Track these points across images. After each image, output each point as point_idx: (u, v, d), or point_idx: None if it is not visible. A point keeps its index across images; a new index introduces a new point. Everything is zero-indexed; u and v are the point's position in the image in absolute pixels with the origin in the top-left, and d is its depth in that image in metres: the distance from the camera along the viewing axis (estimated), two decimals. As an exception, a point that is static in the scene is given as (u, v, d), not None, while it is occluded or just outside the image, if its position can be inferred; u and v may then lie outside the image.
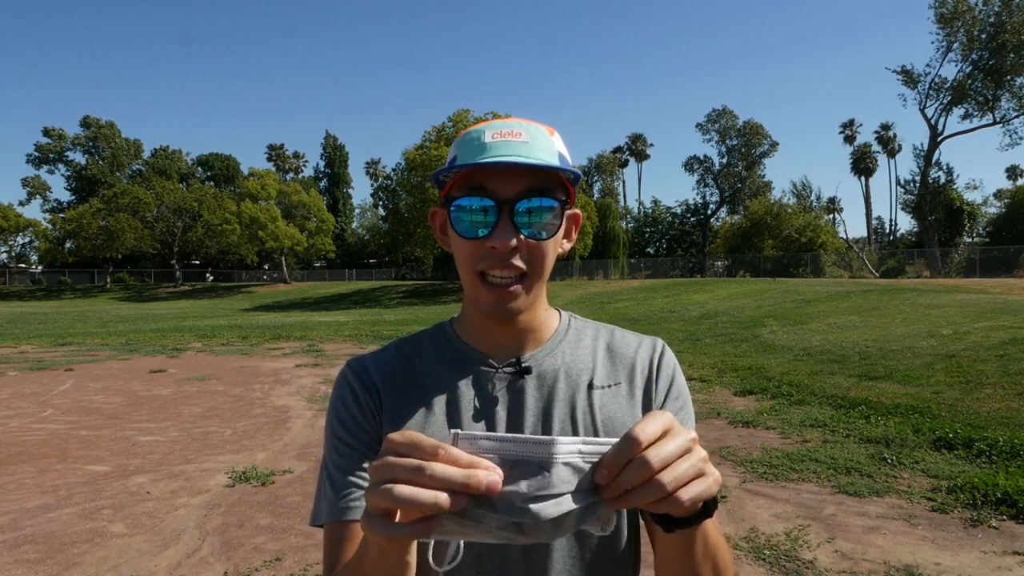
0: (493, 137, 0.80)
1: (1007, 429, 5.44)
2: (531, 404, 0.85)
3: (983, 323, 10.58)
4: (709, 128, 57.24)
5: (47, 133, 60.08)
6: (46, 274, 58.09)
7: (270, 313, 29.47)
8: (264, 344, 14.77)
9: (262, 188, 48.10)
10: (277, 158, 70.85)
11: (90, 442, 6.07)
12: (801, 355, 10.08)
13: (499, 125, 0.82)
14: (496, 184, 0.79)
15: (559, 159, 0.81)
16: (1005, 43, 32.91)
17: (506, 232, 0.78)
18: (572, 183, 0.83)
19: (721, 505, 4.19)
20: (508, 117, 0.87)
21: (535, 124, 0.84)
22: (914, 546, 3.52)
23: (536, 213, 0.79)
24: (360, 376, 0.88)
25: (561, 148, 0.84)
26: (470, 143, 0.81)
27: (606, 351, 0.91)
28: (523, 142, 0.79)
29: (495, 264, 0.79)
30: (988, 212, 42.21)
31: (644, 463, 0.51)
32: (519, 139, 0.80)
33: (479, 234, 0.80)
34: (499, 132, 0.80)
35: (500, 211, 0.78)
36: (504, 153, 0.78)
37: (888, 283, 24.17)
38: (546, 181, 0.80)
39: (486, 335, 0.88)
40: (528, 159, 0.77)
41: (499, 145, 0.79)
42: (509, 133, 0.80)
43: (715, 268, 47.38)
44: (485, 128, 0.82)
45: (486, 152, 0.78)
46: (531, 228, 0.79)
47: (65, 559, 3.53)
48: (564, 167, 0.80)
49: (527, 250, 0.80)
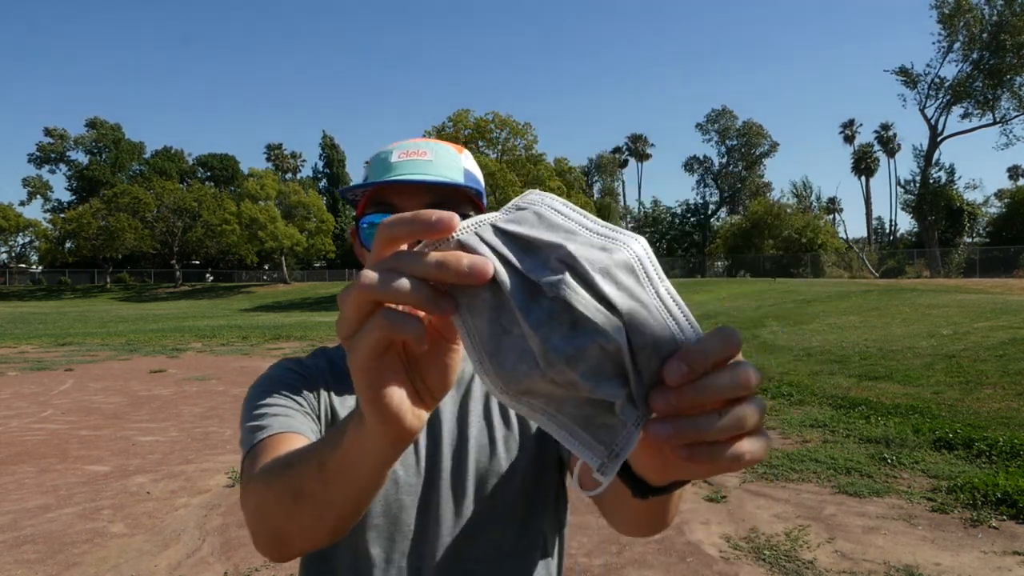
0: (400, 157, 0.85)
1: (1007, 429, 5.44)
2: (448, 403, 0.88)
3: (983, 323, 10.58)
4: (709, 128, 57.36)
5: (48, 133, 60.11)
6: (46, 274, 58.07)
7: (270, 313, 29.47)
8: (264, 344, 14.77)
9: (261, 188, 48.11)
10: (276, 158, 70.81)
11: (90, 442, 6.07)
12: (801, 355, 10.08)
13: (407, 145, 0.87)
14: (402, 201, 0.84)
15: (464, 175, 0.86)
16: (1005, 42, 32.92)
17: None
18: (478, 199, 0.88)
19: (721, 505, 4.19)
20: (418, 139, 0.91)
21: (444, 143, 0.89)
22: (914, 546, 3.52)
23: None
24: (299, 363, 0.91)
25: (469, 165, 0.89)
26: (379, 163, 0.87)
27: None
28: (427, 160, 0.85)
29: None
30: (988, 212, 42.21)
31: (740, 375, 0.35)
32: (424, 157, 0.85)
33: None
34: (406, 152, 0.86)
35: None
36: (409, 171, 0.83)
37: (888, 283, 24.17)
38: (451, 197, 0.85)
39: None
40: (431, 176, 0.82)
41: (405, 164, 0.84)
42: (415, 152, 0.86)
43: (715, 268, 47.40)
44: (394, 148, 0.87)
45: (392, 171, 0.84)
46: None
47: (65, 559, 3.53)
48: (467, 183, 0.85)
49: None
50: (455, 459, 0.86)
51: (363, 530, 0.82)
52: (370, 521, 0.82)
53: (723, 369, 0.35)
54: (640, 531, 0.71)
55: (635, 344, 0.35)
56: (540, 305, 0.35)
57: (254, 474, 0.68)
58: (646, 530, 0.70)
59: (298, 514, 0.57)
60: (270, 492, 0.61)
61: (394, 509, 0.83)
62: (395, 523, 0.83)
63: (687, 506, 4.20)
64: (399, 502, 0.83)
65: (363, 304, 0.38)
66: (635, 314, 0.34)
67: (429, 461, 0.86)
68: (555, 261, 0.35)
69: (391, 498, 0.83)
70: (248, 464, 0.73)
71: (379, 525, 0.83)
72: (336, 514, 0.55)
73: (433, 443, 0.86)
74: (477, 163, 1.03)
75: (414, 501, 0.84)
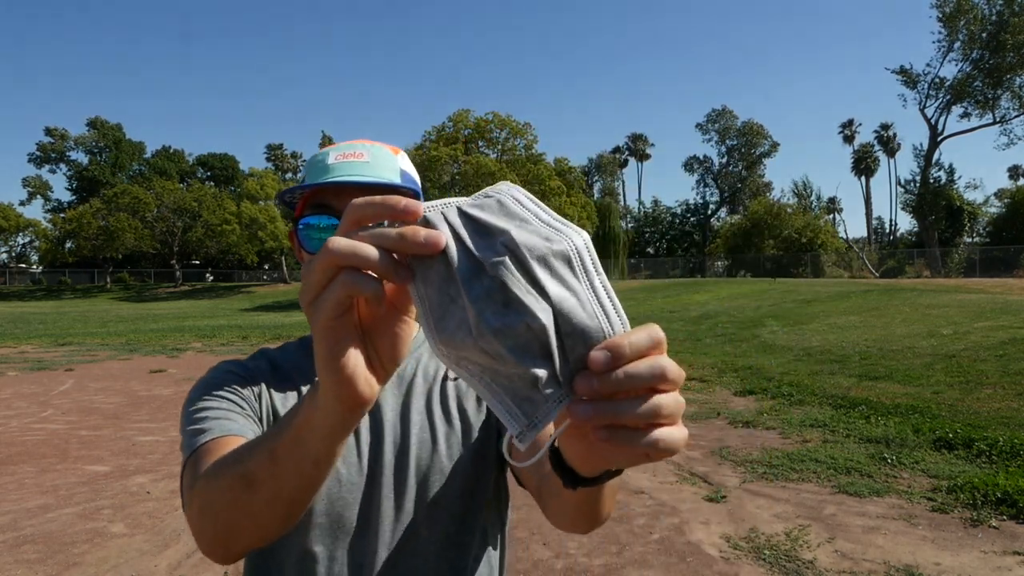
0: (336, 159, 0.86)
1: (1007, 429, 5.44)
2: (392, 401, 0.90)
3: (983, 323, 10.58)
4: (709, 128, 57.38)
5: (49, 132, 60.11)
6: (46, 274, 58.07)
7: (270, 313, 29.47)
8: (264, 344, 14.77)
9: (261, 188, 48.11)
10: (276, 158, 70.81)
11: (90, 442, 6.07)
12: (801, 355, 10.08)
13: (343, 147, 0.88)
14: (340, 202, 0.84)
15: (401, 176, 0.87)
16: (1005, 42, 32.92)
17: None
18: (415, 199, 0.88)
19: (721, 505, 4.19)
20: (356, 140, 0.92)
21: (379, 145, 0.90)
22: (914, 546, 3.52)
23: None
24: (239, 364, 0.92)
25: (405, 166, 0.90)
26: (316, 165, 0.87)
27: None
28: (364, 162, 0.86)
29: None
30: (988, 212, 42.22)
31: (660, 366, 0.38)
32: (360, 159, 0.86)
33: None
34: (342, 154, 0.86)
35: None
36: (343, 173, 0.84)
37: (888, 283, 24.17)
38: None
39: None
40: (368, 178, 0.83)
41: (341, 166, 0.85)
42: (352, 154, 0.86)
43: (715, 268, 47.41)
44: (330, 150, 0.88)
45: (329, 173, 0.85)
46: None
47: (65, 559, 3.53)
48: (404, 184, 0.86)
49: None
50: (397, 456, 0.87)
51: (307, 528, 0.83)
52: (313, 519, 0.83)
53: (644, 360, 0.38)
54: (576, 526, 0.73)
55: (562, 329, 0.38)
56: (481, 282, 0.38)
57: (198, 476, 0.68)
58: (582, 524, 0.72)
59: (248, 502, 0.57)
60: (217, 486, 0.61)
61: (337, 507, 0.84)
62: (338, 520, 0.84)
63: (687, 506, 4.20)
64: (342, 500, 0.84)
65: (328, 268, 0.41)
66: (564, 302, 0.38)
67: (371, 458, 0.86)
68: (500, 245, 0.39)
69: (334, 496, 0.83)
70: (190, 470, 0.73)
71: (322, 523, 0.83)
72: (288, 498, 0.56)
73: (375, 440, 0.87)
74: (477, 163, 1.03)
75: (356, 498, 0.84)
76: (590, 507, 0.66)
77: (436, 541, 0.86)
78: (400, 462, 0.87)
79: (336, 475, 0.84)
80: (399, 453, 0.87)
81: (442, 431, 0.89)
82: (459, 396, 0.92)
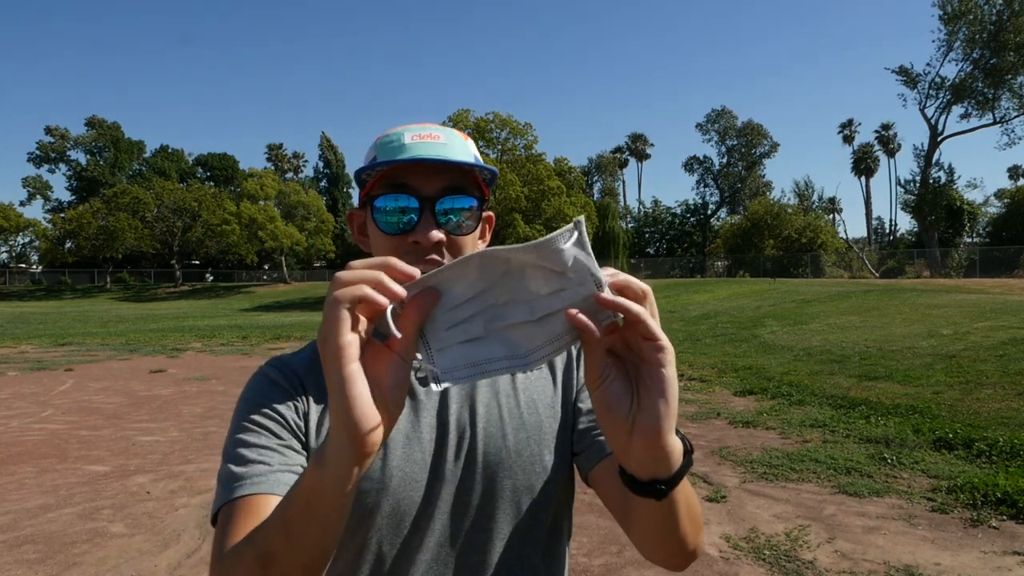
0: (412, 139, 0.83)
1: (1007, 429, 5.44)
2: (455, 392, 0.88)
3: (983, 323, 10.58)
4: (709, 128, 57.33)
5: (49, 132, 60.09)
6: (46, 274, 58.06)
7: (270, 313, 29.48)
8: (264, 344, 14.77)
9: (261, 188, 48.12)
10: (276, 158, 70.77)
11: (90, 442, 6.07)
12: (801, 355, 10.08)
13: (417, 128, 0.86)
14: (417, 182, 0.81)
15: (475, 161, 0.85)
16: (1006, 42, 32.91)
17: (428, 228, 0.80)
18: (487, 184, 0.87)
19: (721, 505, 4.19)
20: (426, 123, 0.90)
21: (451, 129, 0.88)
22: (914, 546, 3.52)
23: (456, 211, 0.83)
24: (282, 370, 0.87)
25: (475, 152, 0.88)
26: (389, 145, 0.85)
27: None
28: (441, 143, 0.83)
29: (417, 260, 0.80)
30: (988, 212, 42.20)
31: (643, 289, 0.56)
32: (437, 140, 0.84)
33: (401, 230, 0.82)
34: (418, 134, 0.84)
35: (422, 208, 0.81)
36: (425, 153, 0.81)
37: (888, 283, 24.17)
38: (464, 180, 0.84)
39: None
40: (448, 158, 0.81)
41: (419, 146, 0.82)
42: (428, 135, 0.84)
43: (715, 268, 47.39)
44: (404, 131, 0.86)
45: (407, 152, 0.82)
46: (452, 225, 0.82)
47: (65, 559, 3.53)
48: (482, 165, 0.84)
49: (448, 247, 0.83)
50: (463, 451, 0.86)
51: (369, 525, 0.82)
52: (377, 517, 0.82)
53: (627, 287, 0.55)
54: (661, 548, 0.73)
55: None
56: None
57: (223, 555, 0.69)
58: (666, 547, 0.73)
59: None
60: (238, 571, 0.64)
61: (402, 505, 0.82)
62: (401, 517, 0.83)
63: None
64: (407, 497, 0.83)
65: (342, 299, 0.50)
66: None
67: (436, 454, 0.85)
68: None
69: (398, 493, 0.82)
70: (218, 534, 0.73)
71: (386, 521, 0.82)
72: (302, 564, 0.60)
73: (440, 435, 0.86)
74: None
75: (420, 495, 0.83)
76: (667, 525, 0.68)
77: (503, 536, 0.85)
78: (466, 457, 0.85)
79: (400, 471, 0.82)
80: (465, 448, 0.85)
81: (511, 425, 0.88)
82: (529, 390, 0.91)
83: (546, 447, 0.88)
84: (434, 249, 0.81)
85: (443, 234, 0.81)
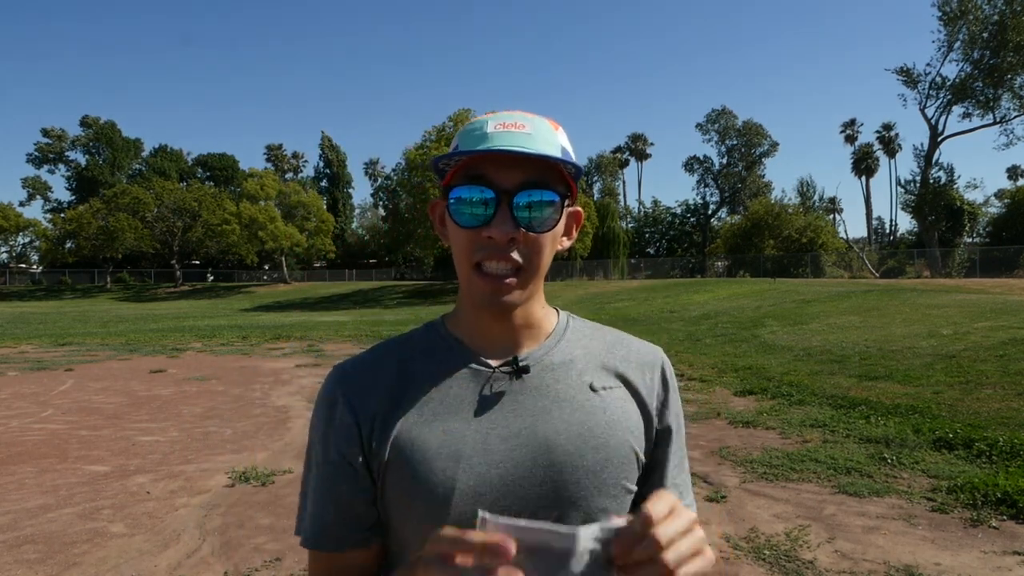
0: (496, 128, 0.79)
1: (1007, 429, 5.44)
2: (529, 405, 0.82)
3: (983, 323, 10.58)
4: (709, 128, 57.30)
5: (46, 133, 60.13)
6: (46, 274, 58.08)
7: (270, 313, 29.49)
8: (264, 344, 14.77)
9: (261, 188, 48.14)
10: (275, 158, 70.81)
11: (90, 442, 6.07)
12: (801, 355, 10.08)
13: (503, 116, 0.81)
14: (496, 174, 0.78)
15: (562, 153, 0.80)
16: (1006, 41, 32.90)
17: (504, 223, 0.77)
18: (574, 178, 0.83)
19: (721, 505, 4.19)
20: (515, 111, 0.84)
21: (540, 117, 0.83)
22: (914, 546, 3.52)
23: (536, 207, 0.79)
24: (345, 384, 0.85)
25: (565, 143, 0.82)
26: (472, 133, 0.81)
27: (607, 353, 0.90)
28: (526, 133, 0.78)
29: (491, 255, 0.78)
30: (988, 212, 42.19)
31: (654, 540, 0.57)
32: (522, 130, 0.79)
33: (477, 224, 0.79)
34: (502, 123, 0.80)
35: (499, 201, 0.78)
36: (506, 143, 0.77)
37: (888, 283, 24.17)
38: (547, 174, 0.79)
39: (480, 331, 0.86)
40: (529, 149, 0.76)
41: (501, 135, 0.78)
42: (512, 124, 0.79)
43: (715, 268, 47.38)
44: (489, 119, 0.81)
45: (487, 142, 0.78)
46: (530, 221, 0.79)
47: (65, 559, 3.53)
48: (566, 160, 0.79)
49: (524, 243, 0.79)
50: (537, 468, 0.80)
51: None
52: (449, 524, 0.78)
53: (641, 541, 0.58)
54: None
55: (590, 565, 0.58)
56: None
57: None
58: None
59: None
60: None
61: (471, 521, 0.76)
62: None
63: (687, 506, 4.19)
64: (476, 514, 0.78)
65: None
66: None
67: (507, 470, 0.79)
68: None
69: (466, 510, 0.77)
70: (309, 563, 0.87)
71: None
72: None
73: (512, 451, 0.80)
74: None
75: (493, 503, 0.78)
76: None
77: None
78: (540, 475, 0.80)
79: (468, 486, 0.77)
80: (540, 465, 0.80)
81: (590, 445, 0.81)
82: (607, 409, 0.84)
83: (623, 470, 0.83)
84: (508, 246, 0.78)
85: (519, 231, 0.78)
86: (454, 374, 0.84)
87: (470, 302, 0.85)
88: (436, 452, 0.78)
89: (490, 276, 0.79)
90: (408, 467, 0.78)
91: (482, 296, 0.80)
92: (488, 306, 0.81)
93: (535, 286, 0.84)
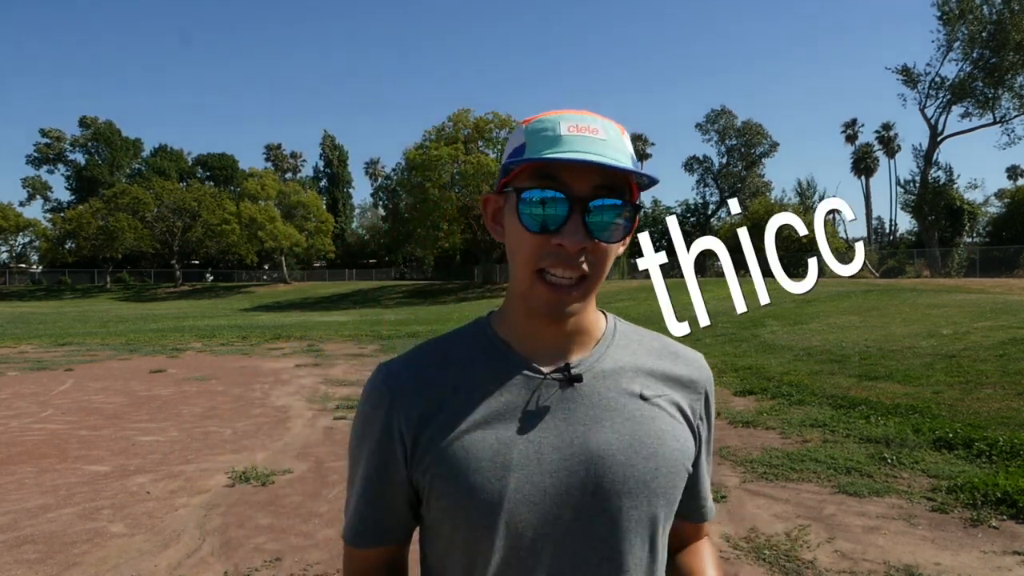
0: (570, 130, 0.76)
1: (1007, 429, 5.44)
2: (581, 414, 0.81)
3: (983, 323, 10.58)
4: (709, 128, 57.26)
5: (45, 134, 60.11)
6: (46, 274, 58.07)
7: (270, 313, 29.49)
8: (264, 344, 14.77)
9: (261, 188, 48.15)
10: (275, 158, 70.79)
11: (90, 442, 6.07)
12: (801, 355, 10.08)
13: (575, 118, 0.78)
14: (571, 179, 0.75)
15: (631, 161, 0.79)
16: (1006, 40, 32.90)
17: (576, 231, 0.75)
18: (640, 187, 0.82)
19: (721, 505, 4.19)
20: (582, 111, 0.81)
21: (609, 121, 0.81)
22: (914, 546, 3.52)
23: (608, 214, 0.77)
24: (391, 384, 0.83)
25: (630, 149, 0.81)
26: (542, 134, 0.77)
27: (656, 360, 0.89)
28: (601, 139, 0.77)
29: (558, 262, 0.76)
30: (988, 212, 42.16)
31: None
32: (597, 135, 0.77)
33: (547, 229, 0.76)
34: (576, 125, 0.77)
35: (572, 208, 0.75)
36: (583, 149, 0.74)
37: (888, 283, 24.17)
38: (618, 181, 0.78)
39: (532, 336, 0.84)
40: (607, 159, 0.74)
41: (577, 140, 0.75)
42: (587, 128, 0.77)
43: (715, 268, 47.41)
44: (560, 119, 0.78)
45: (563, 145, 0.75)
46: (601, 229, 0.77)
47: (65, 559, 3.53)
48: (640, 171, 0.78)
49: (593, 252, 0.77)
50: (590, 476, 0.79)
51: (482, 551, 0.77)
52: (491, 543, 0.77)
53: None
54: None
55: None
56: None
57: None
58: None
59: None
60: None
61: (520, 529, 0.77)
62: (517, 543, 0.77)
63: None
64: (526, 522, 0.77)
65: None
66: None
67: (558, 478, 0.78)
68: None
69: (516, 518, 0.77)
70: (343, 559, 0.89)
71: (500, 548, 0.77)
72: None
73: (564, 459, 0.79)
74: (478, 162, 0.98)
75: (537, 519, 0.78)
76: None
77: (627, 569, 0.80)
78: (592, 484, 0.79)
79: (519, 493, 0.77)
80: (592, 474, 0.79)
81: (641, 455, 0.81)
82: (656, 419, 0.83)
83: (672, 479, 0.83)
84: (578, 255, 0.76)
85: (590, 240, 0.76)
86: (505, 381, 0.82)
87: (525, 307, 0.82)
88: (488, 461, 0.77)
89: (554, 285, 0.77)
90: (458, 475, 0.77)
91: (543, 304, 0.78)
92: (547, 314, 0.79)
93: (594, 293, 0.83)
